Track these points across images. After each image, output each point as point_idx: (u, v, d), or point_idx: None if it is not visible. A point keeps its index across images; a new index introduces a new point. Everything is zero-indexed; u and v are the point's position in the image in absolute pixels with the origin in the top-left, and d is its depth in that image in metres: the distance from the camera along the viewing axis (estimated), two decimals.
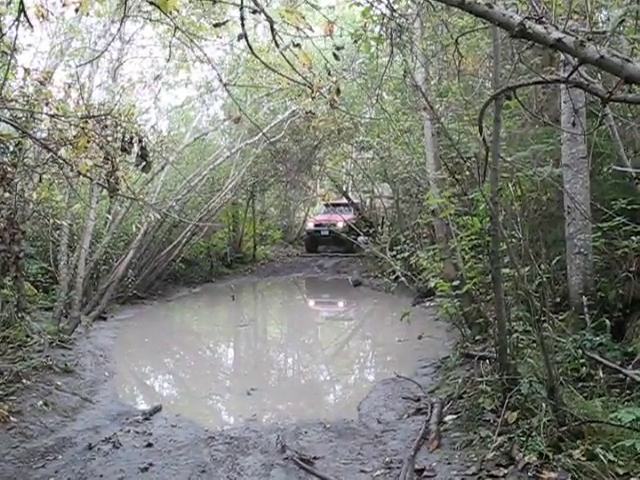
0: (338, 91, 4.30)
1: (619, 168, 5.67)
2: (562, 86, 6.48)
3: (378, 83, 7.75)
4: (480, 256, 7.58)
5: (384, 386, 7.62)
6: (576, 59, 2.73)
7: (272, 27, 3.00)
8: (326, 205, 25.65)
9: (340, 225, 22.65)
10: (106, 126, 5.10)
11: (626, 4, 3.12)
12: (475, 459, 4.78)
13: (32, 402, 6.48)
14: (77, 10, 4.41)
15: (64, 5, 4.77)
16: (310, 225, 25.32)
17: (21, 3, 2.83)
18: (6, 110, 4.88)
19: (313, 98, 4.13)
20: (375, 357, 10.72)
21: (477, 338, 7.85)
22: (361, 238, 18.39)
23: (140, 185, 12.12)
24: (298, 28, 3.06)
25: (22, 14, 2.86)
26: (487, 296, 7.60)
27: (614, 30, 2.78)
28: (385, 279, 11.94)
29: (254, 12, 3.00)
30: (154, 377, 9.53)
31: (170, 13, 2.73)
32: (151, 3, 2.91)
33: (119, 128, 5.29)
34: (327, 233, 23.73)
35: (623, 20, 2.83)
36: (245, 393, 7.61)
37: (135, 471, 5.05)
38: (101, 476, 4.96)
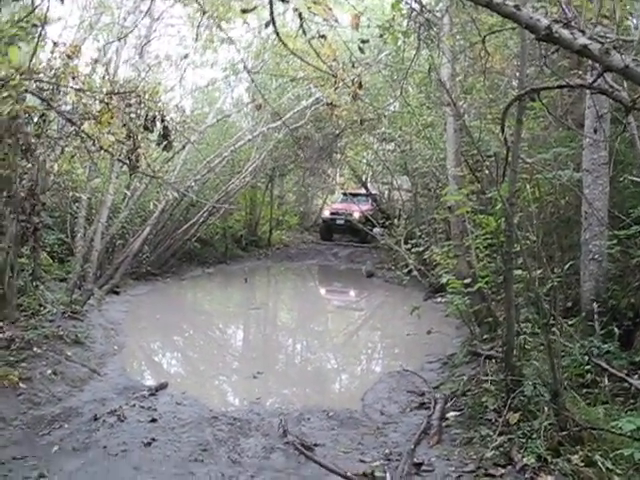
0: (360, 85, 4.31)
1: (635, 179, 5.63)
2: (587, 91, 6.43)
3: (403, 76, 7.73)
4: (494, 255, 7.57)
5: (390, 378, 7.66)
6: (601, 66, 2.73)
7: (300, 16, 3.02)
8: (344, 194, 25.53)
9: (356, 215, 22.47)
10: (130, 104, 5.14)
11: None
12: (474, 457, 4.81)
13: (42, 370, 6.58)
14: None
15: None
16: (326, 213, 25.04)
17: None
18: (33, 82, 4.93)
19: (336, 88, 4.15)
20: (383, 349, 10.76)
21: (485, 337, 7.84)
22: (377, 229, 18.33)
23: (160, 163, 12.16)
24: (325, 19, 3.09)
25: None
26: (498, 296, 7.59)
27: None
28: (398, 272, 11.92)
29: (282, 0, 3.03)
30: (162, 354, 9.63)
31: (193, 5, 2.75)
32: None
33: (143, 106, 5.34)
34: (343, 222, 23.53)
35: None
36: (251, 376, 7.67)
37: (138, 445, 5.12)
38: (105, 447, 5.04)
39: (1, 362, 6.38)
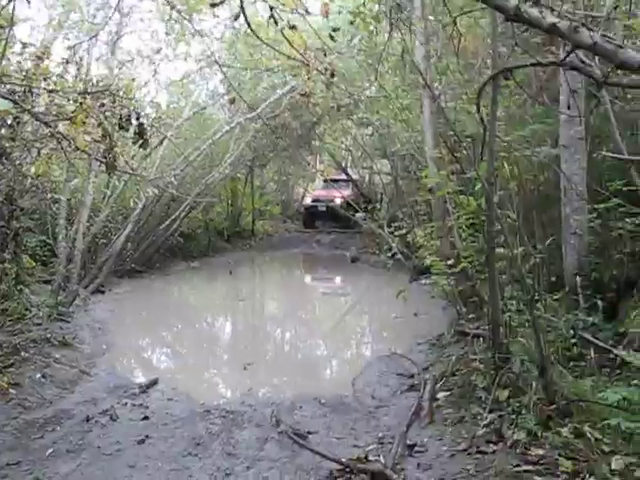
0: (333, 74, 4.31)
1: (610, 154, 5.69)
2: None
3: (377, 60, 7.72)
4: (477, 234, 7.62)
5: (379, 362, 7.71)
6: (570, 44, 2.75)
7: (271, 7, 3.01)
8: (324, 180, 25.46)
9: (338, 201, 22.61)
10: (103, 104, 5.10)
11: None
12: (466, 435, 4.86)
13: (31, 374, 6.56)
14: None
15: None
16: (308, 200, 25.19)
17: None
18: (3, 85, 4.89)
19: (309, 78, 4.15)
20: (371, 333, 10.83)
21: (472, 316, 7.91)
22: (359, 214, 18.35)
23: (139, 160, 12.09)
24: (295, 10, 3.08)
25: None
26: (482, 275, 7.65)
27: (609, 15, 2.79)
28: (382, 256, 11.97)
29: None
30: (151, 350, 9.62)
31: None
32: None
33: (117, 104, 5.31)
34: (324, 209, 23.63)
35: (617, 6, 2.85)
36: (242, 367, 7.69)
37: (132, 443, 5.13)
38: (98, 447, 5.04)
39: None
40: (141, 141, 5.44)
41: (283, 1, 2.96)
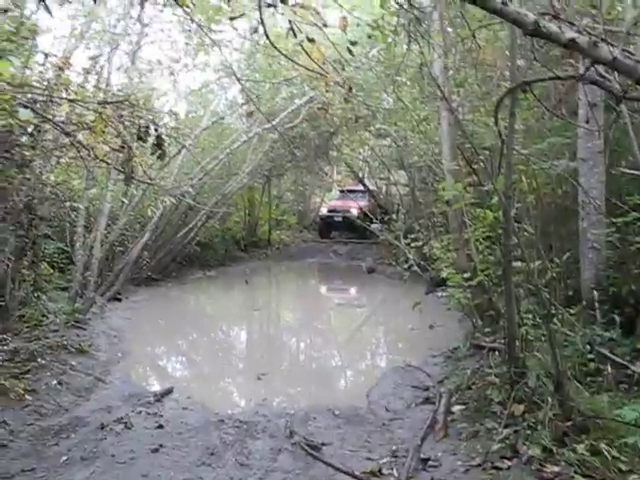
0: (350, 88, 4.33)
1: (628, 171, 5.65)
2: None
3: (396, 72, 7.74)
4: (494, 247, 7.58)
5: (394, 374, 7.68)
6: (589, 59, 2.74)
7: (290, 22, 3.03)
8: (341, 191, 25.72)
9: (354, 211, 22.60)
10: (121, 116, 5.15)
11: None
12: (480, 450, 4.83)
13: (47, 381, 6.60)
14: (95, 1, 4.46)
15: None
16: (324, 210, 25.10)
17: None
18: (26, 95, 4.95)
19: (327, 91, 4.17)
20: (386, 344, 10.79)
21: (488, 329, 7.86)
22: (375, 225, 18.30)
23: (157, 169, 12.18)
24: (312, 24, 3.10)
25: (42, 1, 2.92)
26: (499, 288, 7.61)
27: (628, 31, 2.78)
28: (398, 267, 11.94)
29: (269, 6, 3.04)
30: (167, 359, 9.64)
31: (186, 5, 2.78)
32: None
33: (136, 115, 5.35)
34: (341, 219, 23.54)
35: (637, 22, 2.84)
36: (256, 377, 7.68)
37: (146, 452, 5.14)
38: (112, 455, 5.06)
39: (6, 374, 6.40)
40: (159, 152, 5.49)
41: (301, 14, 2.97)
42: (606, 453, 4.17)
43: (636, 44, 2.93)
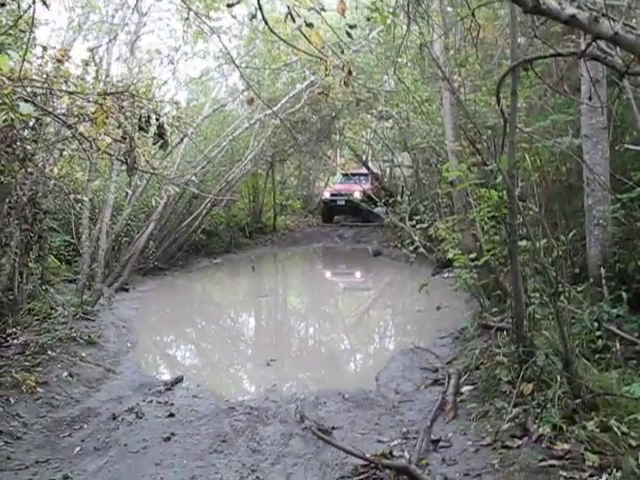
0: (350, 72, 4.31)
1: (631, 147, 5.62)
2: None
3: (396, 53, 7.70)
4: (499, 226, 7.57)
5: (402, 356, 7.70)
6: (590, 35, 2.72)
7: (288, 7, 3.02)
8: (344, 174, 25.52)
9: (357, 194, 22.43)
10: (122, 107, 5.13)
11: None
12: (490, 430, 4.84)
13: (57, 373, 6.63)
14: None
15: None
16: (326, 194, 24.90)
17: None
18: (26, 88, 4.94)
19: (327, 75, 4.15)
20: (394, 327, 10.82)
21: (495, 309, 7.86)
22: (378, 209, 18.24)
23: (160, 159, 12.17)
24: (311, 8, 3.08)
25: None
26: (506, 267, 7.60)
27: (629, 5, 2.76)
28: (404, 250, 11.93)
29: None
30: (175, 347, 9.69)
31: None
32: None
33: (136, 105, 5.34)
34: (343, 203, 23.43)
35: None
36: (265, 363, 7.71)
37: (158, 440, 5.17)
38: (125, 445, 5.09)
39: (17, 367, 6.44)
40: (161, 142, 5.48)
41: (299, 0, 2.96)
42: (616, 429, 4.16)
43: (638, 18, 2.91)
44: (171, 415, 5.76)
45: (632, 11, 2.84)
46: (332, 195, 24.27)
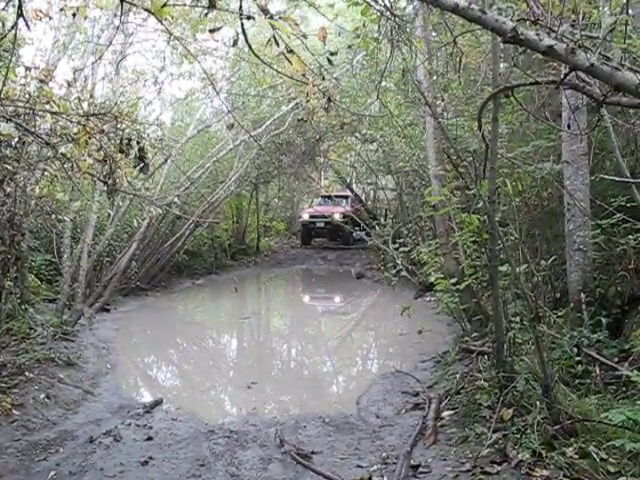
0: (329, 99, 4.34)
1: (606, 177, 5.70)
2: None
3: (380, 78, 7.76)
4: (482, 250, 7.61)
5: (384, 380, 7.68)
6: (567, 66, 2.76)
7: (273, 29, 3.04)
8: (323, 196, 25.19)
9: (337, 217, 22.22)
10: (103, 131, 5.13)
11: (616, 12, 3.14)
12: (470, 456, 4.83)
13: (35, 395, 6.54)
14: (74, 15, 4.44)
15: (61, 10, 4.79)
16: (305, 216, 24.40)
17: (19, 8, 2.87)
18: (6, 107, 4.92)
19: (308, 101, 4.18)
20: (376, 350, 10.80)
21: (477, 333, 7.87)
22: (358, 233, 18.13)
23: (142, 179, 12.16)
24: (293, 34, 3.11)
25: (21, 17, 2.90)
26: (487, 291, 7.63)
27: (605, 37, 2.80)
28: (387, 273, 11.95)
29: (248, 18, 3.04)
30: (156, 369, 9.61)
31: (166, 19, 2.78)
32: (146, 10, 2.94)
33: (120, 126, 5.33)
34: (323, 225, 23.10)
35: (614, 28, 2.86)
36: (246, 386, 7.67)
37: (135, 465, 5.10)
38: (102, 469, 5.02)
39: None
40: (142, 165, 5.47)
41: (280, 26, 2.97)
42: (595, 455, 4.17)
43: (614, 50, 2.96)
44: (149, 438, 5.69)
45: (608, 43, 2.88)
46: (311, 217, 23.76)
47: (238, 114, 14.88)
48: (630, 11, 4.04)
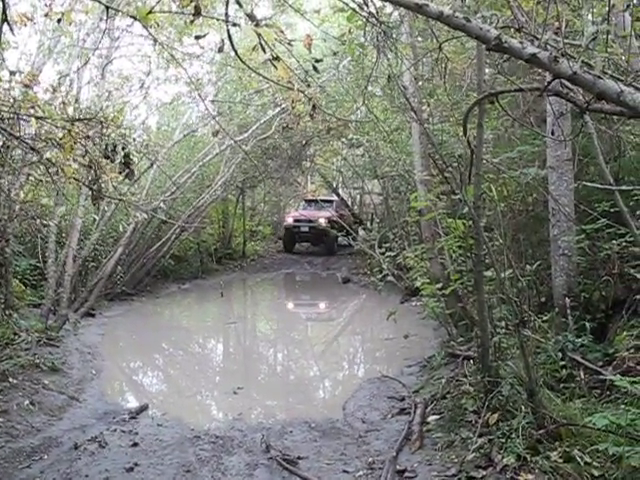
0: (314, 107, 4.36)
1: (588, 184, 5.75)
2: None
3: (366, 83, 7.80)
4: (468, 255, 7.64)
5: (370, 385, 7.70)
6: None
7: (259, 37, 3.05)
8: (306, 201, 24.69)
9: (322, 221, 21.73)
10: (88, 136, 5.11)
11: (598, 22, 3.17)
12: (455, 460, 4.85)
13: (19, 401, 6.49)
14: (59, 21, 4.43)
15: (46, 15, 4.78)
16: (289, 220, 23.86)
17: (4, 13, 2.86)
18: None
19: (293, 107, 4.19)
20: (362, 355, 10.81)
21: (462, 338, 7.91)
22: (343, 238, 17.90)
23: (128, 184, 12.11)
24: (279, 41, 3.12)
25: (4, 23, 2.89)
26: (473, 296, 7.66)
27: (587, 46, 2.83)
28: (372, 278, 11.97)
29: (234, 25, 3.05)
30: (142, 374, 9.56)
31: (151, 26, 2.78)
32: (132, 17, 2.94)
33: (105, 131, 5.32)
34: (307, 229, 22.73)
35: (595, 37, 2.89)
36: (232, 391, 7.64)
37: (120, 471, 5.09)
38: (86, 476, 5.00)
39: None
40: (127, 171, 5.46)
41: (265, 34, 2.98)
42: (579, 459, 4.20)
43: (598, 58, 2.99)
44: (135, 444, 5.67)
45: (591, 51, 2.92)
46: (296, 221, 23.25)
47: (224, 119, 14.88)
48: (613, 19, 4.08)
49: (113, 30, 11.43)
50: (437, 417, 5.92)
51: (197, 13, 2.87)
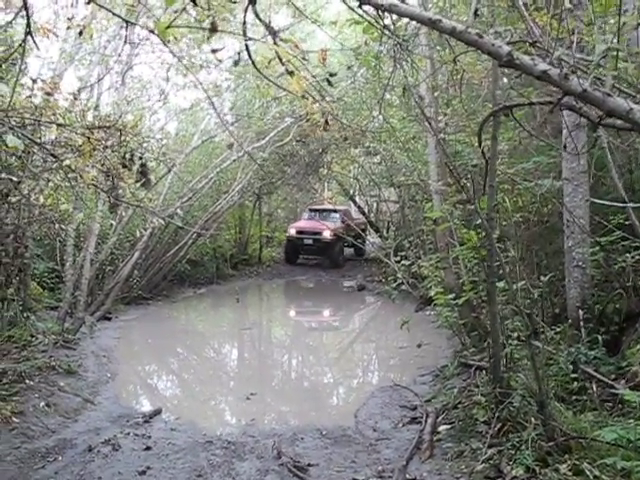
0: (327, 122, 4.41)
1: (596, 201, 5.75)
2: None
3: (382, 93, 7.85)
4: (482, 265, 7.65)
5: (382, 393, 7.72)
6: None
7: (276, 52, 3.10)
8: (311, 210, 23.55)
9: (327, 234, 20.80)
10: (106, 146, 5.20)
11: (609, 40, 3.20)
12: (465, 470, 4.87)
13: (35, 403, 6.59)
14: (81, 33, 4.52)
15: (69, 28, 4.87)
16: (292, 231, 22.15)
17: (28, 25, 2.94)
18: (12, 118, 5.00)
19: (308, 120, 4.25)
20: (376, 363, 10.83)
21: (475, 348, 7.91)
22: (349, 250, 17.27)
23: (145, 190, 12.22)
24: (294, 56, 3.17)
25: (29, 35, 2.97)
26: (487, 306, 7.66)
27: (598, 63, 2.86)
28: (387, 286, 11.97)
29: (250, 39, 3.11)
30: (156, 378, 9.64)
31: (169, 41, 2.84)
32: (151, 32, 3.01)
33: (123, 140, 5.40)
34: (311, 242, 21.40)
35: (606, 55, 2.92)
36: (245, 397, 7.70)
37: (133, 474, 5.16)
38: (99, 478, 5.08)
39: None
40: (144, 180, 5.53)
41: (280, 50, 3.04)
42: (588, 473, 4.20)
43: (608, 75, 3.01)
44: (148, 448, 5.74)
45: (602, 68, 2.94)
46: (298, 232, 21.85)
47: (242, 125, 14.96)
48: (626, 35, 4.10)
49: (133, 37, 11.53)
50: (448, 427, 5.94)
51: (214, 29, 2.93)
